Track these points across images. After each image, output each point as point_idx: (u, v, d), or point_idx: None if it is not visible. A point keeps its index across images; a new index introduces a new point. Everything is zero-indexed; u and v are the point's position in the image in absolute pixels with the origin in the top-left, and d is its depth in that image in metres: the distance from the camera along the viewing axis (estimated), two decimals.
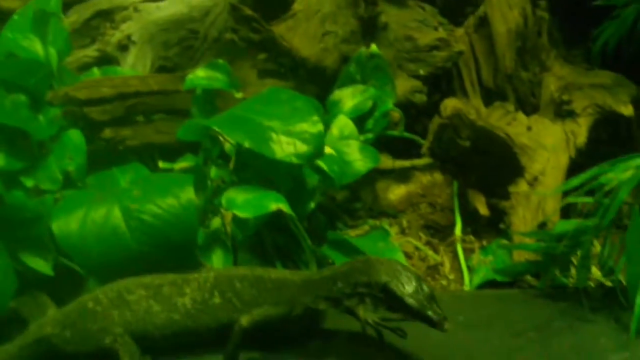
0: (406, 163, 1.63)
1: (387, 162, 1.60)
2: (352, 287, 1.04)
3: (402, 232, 1.54)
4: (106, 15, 1.82)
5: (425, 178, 1.64)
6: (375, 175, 1.61)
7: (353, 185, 1.59)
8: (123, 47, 1.70)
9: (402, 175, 1.63)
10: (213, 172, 1.35)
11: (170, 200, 1.18)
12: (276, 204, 1.22)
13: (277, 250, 1.38)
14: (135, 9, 1.76)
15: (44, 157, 1.29)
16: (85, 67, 1.70)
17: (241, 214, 1.21)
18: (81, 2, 1.79)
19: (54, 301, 1.22)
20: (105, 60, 1.76)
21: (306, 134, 1.24)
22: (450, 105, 1.39)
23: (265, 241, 1.36)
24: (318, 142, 1.24)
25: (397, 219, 1.59)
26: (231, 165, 1.37)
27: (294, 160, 1.22)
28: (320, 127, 1.25)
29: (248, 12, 1.41)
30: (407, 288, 1.01)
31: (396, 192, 1.62)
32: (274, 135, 1.23)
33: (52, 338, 1.09)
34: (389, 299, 1.01)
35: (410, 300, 1.00)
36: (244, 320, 1.07)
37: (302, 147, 1.23)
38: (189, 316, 1.09)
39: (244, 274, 1.11)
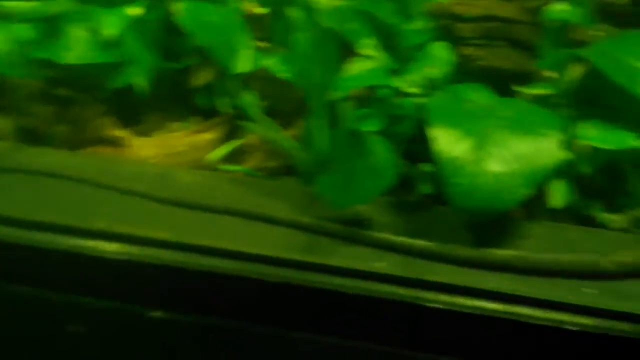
0: None
1: None
2: None
3: None
4: None
5: None
6: None
7: None
8: None
9: None
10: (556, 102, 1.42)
11: None
12: (636, 141, 1.27)
13: (599, 188, 1.44)
14: None
15: (409, 63, 1.40)
16: None
17: (600, 146, 1.27)
18: None
19: None
20: None
21: None
22: None
23: (592, 178, 1.42)
24: None
25: None
26: (569, 97, 1.42)
27: None
28: None
29: None
30: None
31: None
32: None
33: None
34: None
35: None
36: None
37: None
38: None
39: None
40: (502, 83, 1.49)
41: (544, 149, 1.17)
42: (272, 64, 1.34)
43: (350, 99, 1.31)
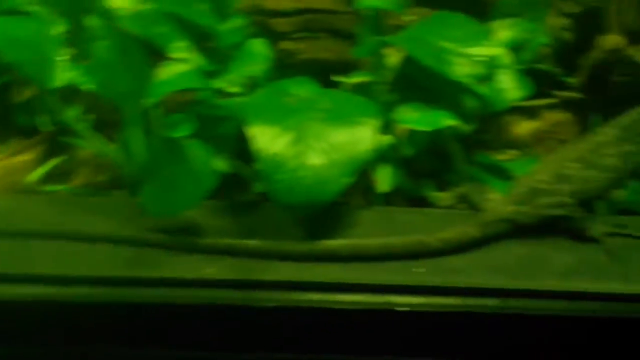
0: (535, 102, 1.69)
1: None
2: None
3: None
4: None
5: (552, 116, 1.69)
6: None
7: (483, 117, 1.67)
8: None
9: (529, 112, 1.69)
10: (376, 89, 1.44)
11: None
12: (450, 120, 1.30)
13: (427, 169, 1.47)
14: None
15: (228, 63, 1.38)
16: None
17: (417, 128, 1.30)
18: None
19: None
20: None
21: (480, 56, 1.31)
22: (611, 40, 1.44)
23: (419, 159, 1.45)
24: (490, 66, 1.31)
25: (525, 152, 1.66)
26: (389, 83, 1.44)
27: (468, 80, 1.29)
28: (493, 51, 1.32)
29: None
30: None
31: (524, 127, 1.68)
32: (449, 57, 1.31)
33: (514, 215, 1.25)
34: None
35: None
36: None
37: (476, 69, 1.30)
38: (617, 170, 1.31)
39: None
40: (326, 74, 1.51)
41: (360, 137, 1.19)
42: (75, 76, 1.28)
43: (167, 105, 1.28)
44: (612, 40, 1.44)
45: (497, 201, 1.29)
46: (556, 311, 1.15)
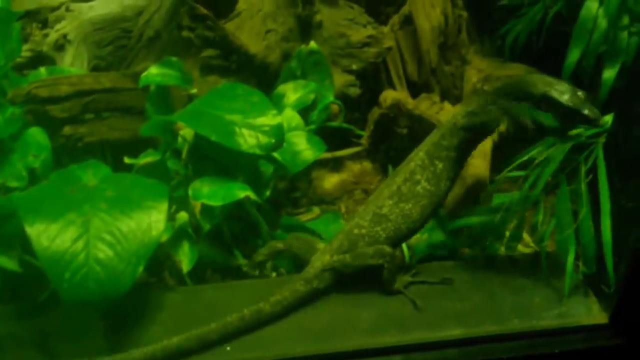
0: (340, 153, 1.74)
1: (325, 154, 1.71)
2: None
3: (342, 217, 1.65)
4: (33, 16, 1.83)
5: (356, 167, 1.76)
6: (310, 165, 1.71)
7: (291, 176, 1.69)
8: (59, 47, 1.71)
9: (336, 165, 1.74)
10: (170, 165, 1.41)
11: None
12: (243, 191, 1.30)
13: (234, 238, 1.46)
14: (68, 9, 1.78)
15: (7, 155, 1.30)
16: (18, 68, 1.70)
17: (210, 203, 1.28)
18: None
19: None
20: (38, 60, 1.77)
21: (267, 126, 1.32)
22: (390, 96, 1.52)
23: (224, 231, 1.44)
24: (279, 134, 1.33)
25: (335, 205, 1.70)
26: (183, 157, 1.43)
27: (258, 151, 1.30)
28: (279, 119, 1.33)
29: (203, 11, 1.48)
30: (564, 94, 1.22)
31: (331, 181, 1.72)
32: (236, 129, 1.31)
33: (335, 264, 1.26)
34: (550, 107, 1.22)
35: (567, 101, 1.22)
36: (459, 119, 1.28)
37: (264, 139, 1.31)
38: (432, 194, 1.28)
39: (439, 134, 1.29)
40: (122, 154, 1.46)
41: (149, 222, 1.15)
42: None
43: None
44: (390, 95, 1.52)
45: (321, 251, 1.30)
46: None
